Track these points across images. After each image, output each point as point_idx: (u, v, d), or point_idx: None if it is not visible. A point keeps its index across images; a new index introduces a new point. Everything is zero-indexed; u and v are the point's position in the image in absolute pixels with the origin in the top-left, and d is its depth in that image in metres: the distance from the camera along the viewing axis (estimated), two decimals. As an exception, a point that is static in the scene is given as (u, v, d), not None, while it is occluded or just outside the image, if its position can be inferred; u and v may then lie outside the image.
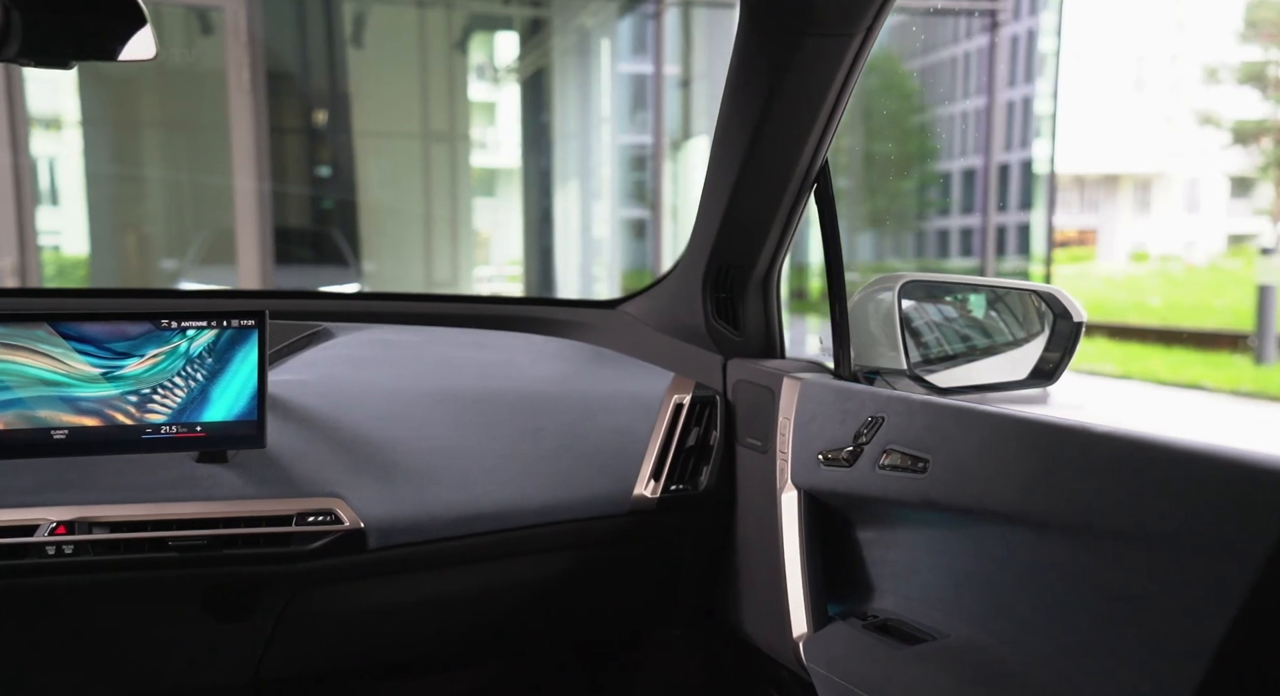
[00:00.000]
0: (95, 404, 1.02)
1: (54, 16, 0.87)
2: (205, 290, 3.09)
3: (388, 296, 1.38)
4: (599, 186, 7.50)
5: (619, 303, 1.45)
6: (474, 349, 1.33)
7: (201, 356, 1.05)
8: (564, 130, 7.41)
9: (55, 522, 0.99)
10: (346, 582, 1.09)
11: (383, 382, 1.22)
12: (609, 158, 7.36)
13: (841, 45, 0.95)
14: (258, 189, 4.63)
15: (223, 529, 1.02)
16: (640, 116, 7.89)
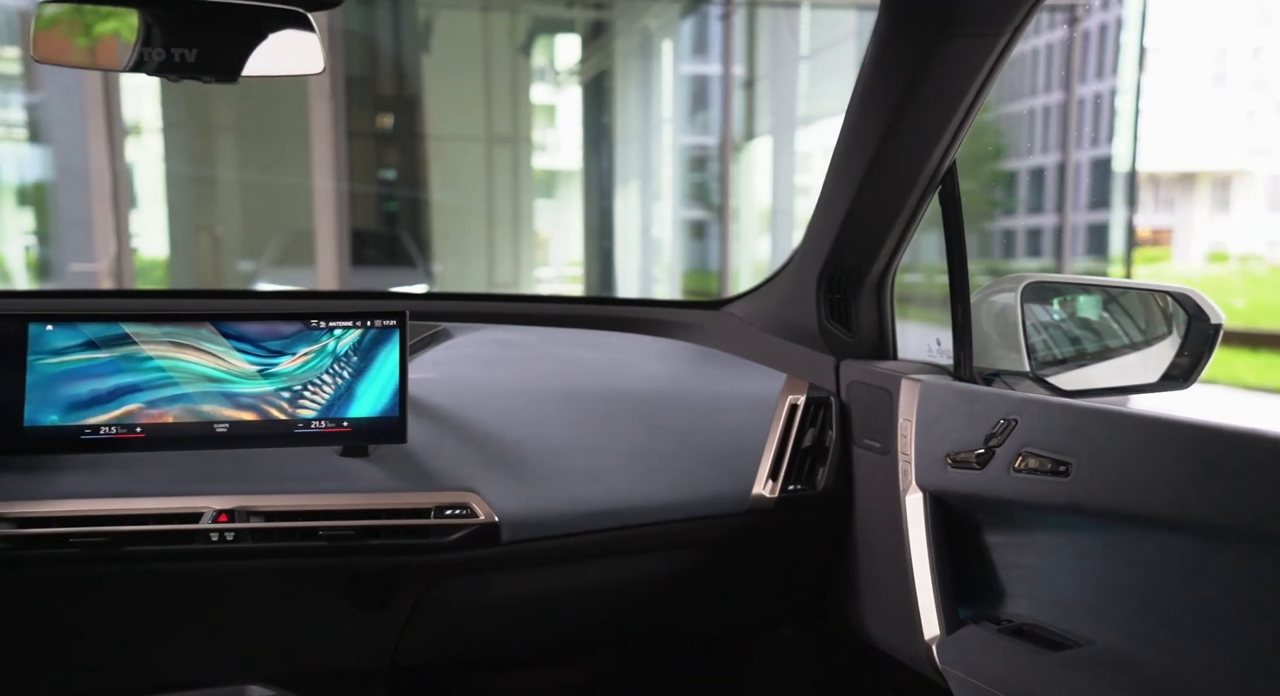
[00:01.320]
0: (252, 399, 1.09)
1: (226, 33, 0.93)
2: (349, 291, 3.18)
3: (505, 298, 1.43)
4: (659, 187, 7.54)
5: (724, 303, 1.48)
6: (588, 349, 1.37)
7: (347, 355, 1.11)
8: (625, 132, 7.46)
9: (217, 511, 1.05)
10: (478, 574, 1.14)
11: (505, 381, 1.26)
12: (669, 159, 7.39)
13: (987, 45, 0.96)
14: (335, 193, 4.76)
15: (367, 520, 1.07)
16: (700, 117, 7.90)
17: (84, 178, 6.00)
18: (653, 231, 7.56)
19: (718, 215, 7.66)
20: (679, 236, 7.63)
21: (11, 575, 1.02)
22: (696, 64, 7.59)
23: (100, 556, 1.02)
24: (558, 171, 8.76)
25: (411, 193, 7.46)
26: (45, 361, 1.05)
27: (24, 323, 1.04)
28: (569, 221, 8.79)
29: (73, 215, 6.02)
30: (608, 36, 7.25)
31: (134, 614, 1.10)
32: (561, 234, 8.95)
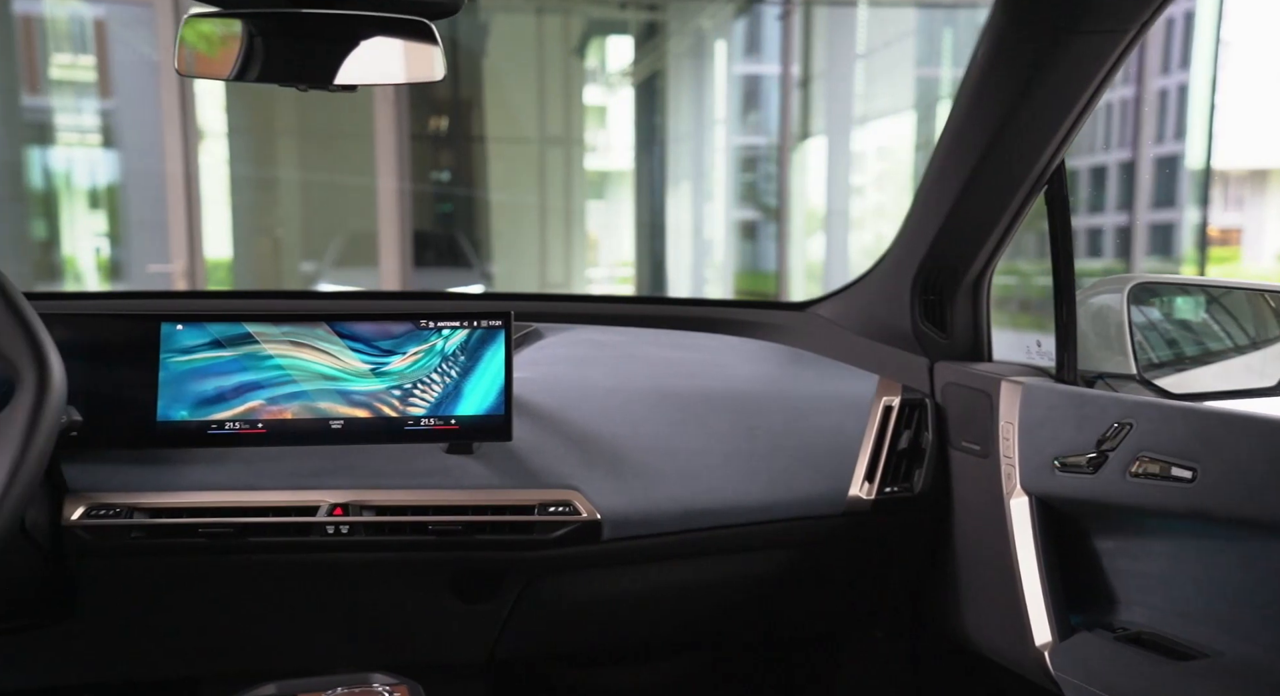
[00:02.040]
0: (365, 397, 1.13)
1: (354, 44, 0.97)
2: (455, 293, 3.25)
3: (595, 299, 1.46)
4: (710, 188, 7.54)
5: (809, 304, 1.49)
6: (678, 349, 1.39)
7: (455, 354, 1.14)
8: (676, 132, 7.48)
9: (333, 504, 1.09)
10: (578, 571, 1.16)
11: (600, 381, 1.29)
12: (721, 159, 7.39)
13: (1111, 42, 0.94)
14: (398, 196, 4.85)
15: (474, 516, 1.10)
16: (752, 117, 7.89)
17: (155, 181, 6.20)
18: (704, 232, 7.57)
19: (769, 216, 7.64)
20: (730, 237, 7.62)
21: (144, 561, 1.08)
22: (749, 64, 7.58)
23: (225, 546, 1.07)
24: (609, 172, 8.80)
25: (465, 194, 7.56)
26: (176, 359, 1.10)
27: (157, 322, 1.10)
28: (619, 222, 8.83)
29: (143, 217, 6.22)
30: (661, 37, 7.27)
31: (253, 601, 1.15)
32: (612, 234, 9.00)
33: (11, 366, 0.87)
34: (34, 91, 6.21)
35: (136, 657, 1.16)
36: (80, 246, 7.13)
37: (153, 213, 6.19)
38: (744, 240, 7.97)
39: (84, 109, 6.84)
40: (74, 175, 6.92)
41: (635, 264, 8.13)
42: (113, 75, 6.42)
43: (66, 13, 6.45)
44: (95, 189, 7.12)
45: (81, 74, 6.76)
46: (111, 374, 1.08)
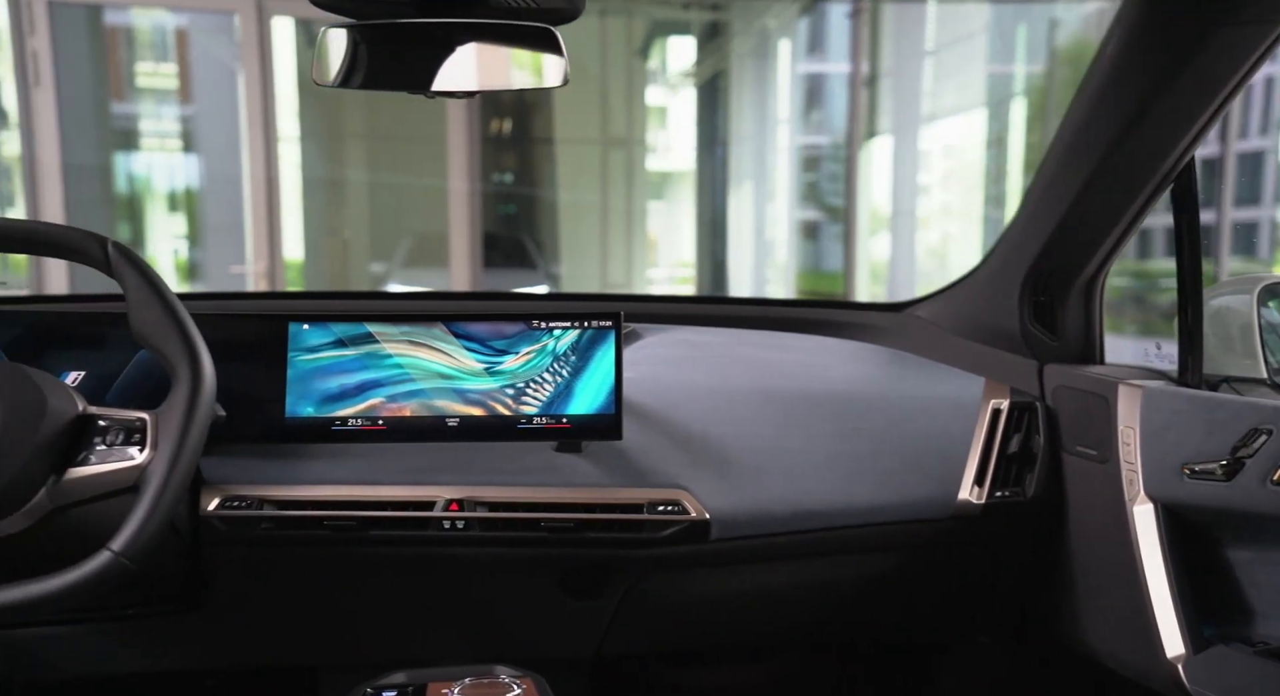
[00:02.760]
0: (480, 395, 1.16)
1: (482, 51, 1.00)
2: (566, 294, 3.30)
3: (690, 299, 1.47)
4: (772, 188, 7.50)
5: (906, 305, 1.48)
6: (776, 350, 1.39)
7: (566, 354, 1.16)
8: (739, 132, 7.45)
9: (448, 500, 1.13)
10: (685, 570, 1.18)
11: (701, 381, 1.30)
12: (783, 159, 7.34)
13: (1260, 33, 0.91)
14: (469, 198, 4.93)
15: (584, 513, 1.12)
16: (815, 117, 7.82)
17: (233, 185, 6.40)
18: (766, 232, 7.53)
19: (832, 216, 7.57)
20: (792, 237, 7.57)
21: (272, 551, 1.12)
22: (813, 63, 7.52)
23: (347, 539, 1.11)
24: (670, 173, 8.81)
25: (528, 196, 7.65)
26: (302, 358, 1.14)
27: (285, 322, 1.14)
28: (679, 222, 8.84)
29: (220, 220, 6.42)
30: (724, 37, 7.26)
31: (371, 593, 1.18)
32: (671, 235, 9.00)
33: (169, 364, 0.92)
34: (120, 99, 6.46)
35: (261, 645, 1.21)
36: (161, 248, 7.39)
37: (228, 215, 6.39)
38: (805, 240, 7.91)
39: (165, 115, 7.09)
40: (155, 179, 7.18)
41: (696, 264, 8.12)
42: (192, 82, 6.65)
43: (150, 23, 6.70)
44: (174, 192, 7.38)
45: (163, 81, 7.02)
46: (244, 372, 1.12)
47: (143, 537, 0.85)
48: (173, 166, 7.14)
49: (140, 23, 6.55)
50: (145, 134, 6.78)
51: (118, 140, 6.36)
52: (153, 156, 7.01)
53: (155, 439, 0.88)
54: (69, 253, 0.93)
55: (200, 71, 6.51)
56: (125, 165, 6.54)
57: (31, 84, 4.26)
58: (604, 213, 7.54)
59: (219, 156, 6.46)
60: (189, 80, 6.67)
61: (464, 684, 0.94)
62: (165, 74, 6.99)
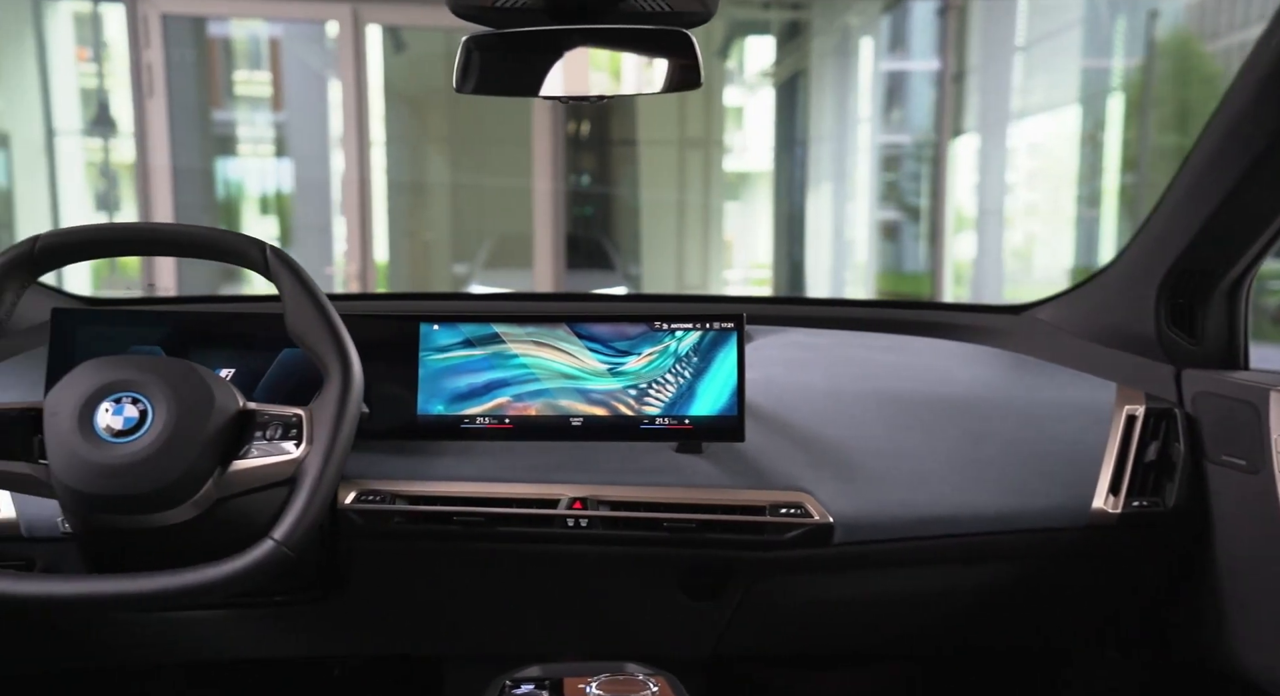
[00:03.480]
0: (603, 395, 1.17)
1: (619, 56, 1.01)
2: (688, 295, 3.36)
3: (800, 301, 1.47)
4: (852, 188, 7.40)
5: (1026, 308, 1.45)
6: (889, 352, 1.38)
7: (688, 355, 1.17)
8: (818, 132, 7.37)
9: (572, 498, 1.14)
10: (805, 574, 1.17)
11: (817, 383, 1.29)
12: (864, 159, 7.23)
13: None
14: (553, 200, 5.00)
15: (706, 514, 1.13)
16: (896, 115, 7.69)
17: (322, 188, 6.62)
18: (845, 233, 7.43)
19: (912, 216, 7.43)
20: (872, 238, 7.45)
21: (402, 544, 1.16)
22: (895, 61, 7.39)
23: (475, 534, 1.14)
24: (747, 173, 8.78)
25: (604, 197, 7.71)
26: (433, 357, 1.18)
27: (416, 323, 1.18)
28: (755, 223, 8.79)
29: (310, 222, 6.65)
30: (804, 37, 7.19)
31: (495, 588, 1.21)
32: (747, 235, 8.97)
33: (321, 363, 0.96)
34: (219, 106, 6.74)
35: (390, 634, 1.25)
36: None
37: (317, 217, 6.61)
38: (885, 241, 7.78)
39: (258, 122, 7.38)
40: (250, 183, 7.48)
41: (773, 265, 8.07)
42: (285, 89, 6.90)
43: (245, 32, 6.97)
44: (266, 196, 7.67)
45: (257, 89, 7.30)
46: (378, 370, 1.16)
47: (301, 527, 0.89)
48: (264, 171, 7.43)
49: (237, 33, 6.83)
50: (241, 140, 7.07)
51: (217, 146, 6.63)
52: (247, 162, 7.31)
53: (310, 434, 0.92)
54: (230, 256, 0.97)
55: (292, 79, 6.76)
56: (223, 170, 6.83)
57: (145, 94, 4.48)
58: (680, 214, 7.54)
59: (308, 161, 6.70)
60: (281, 88, 6.93)
61: (600, 680, 0.95)
62: (259, 82, 7.28)
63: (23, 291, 0.94)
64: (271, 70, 7.15)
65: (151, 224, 0.97)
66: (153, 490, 0.88)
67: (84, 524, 0.92)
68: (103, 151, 6.92)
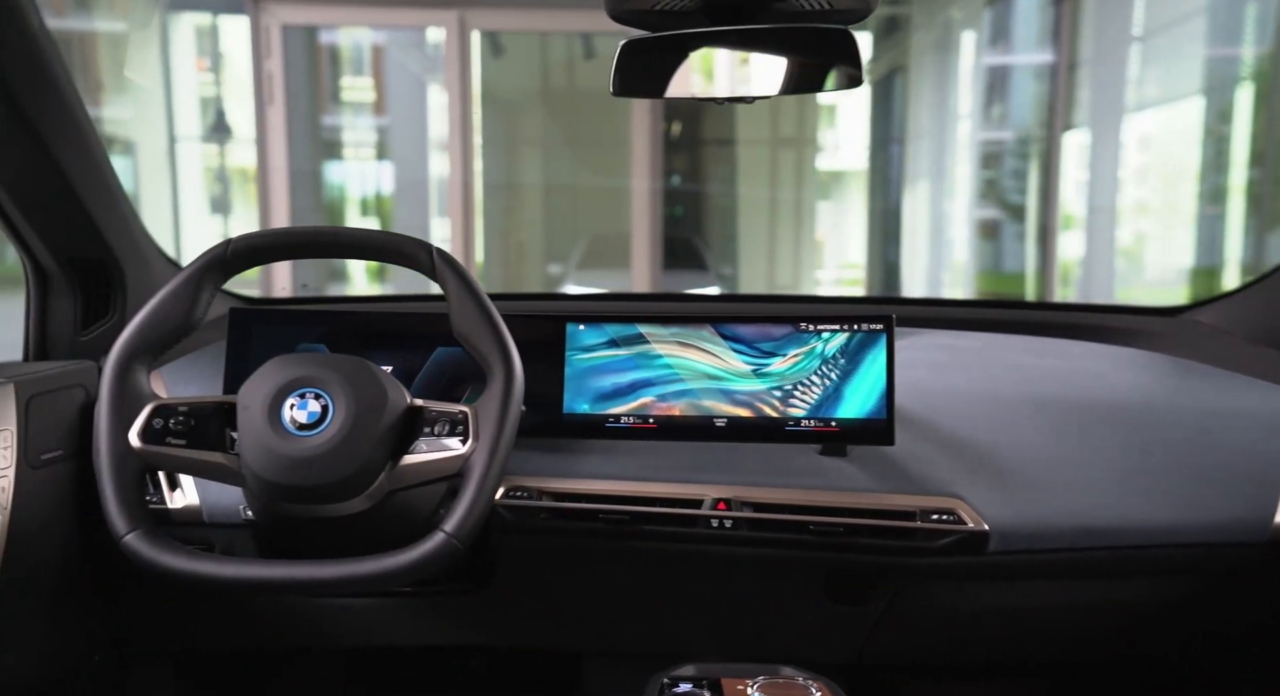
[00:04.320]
0: (747, 396, 1.17)
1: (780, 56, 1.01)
2: (835, 297, 3.38)
3: (944, 303, 1.43)
4: (950, 185, 7.20)
5: (1182, 309, 1.38)
6: (1040, 356, 1.33)
7: (835, 357, 1.16)
8: (916, 129, 7.20)
9: (716, 499, 1.14)
10: (956, 582, 1.14)
11: (966, 387, 1.26)
12: (964, 156, 7.03)
13: None
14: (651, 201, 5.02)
15: (853, 518, 1.11)
16: (997, 111, 7.45)
17: (420, 189, 6.81)
18: (942, 231, 7.24)
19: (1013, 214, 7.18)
20: (972, 237, 7.24)
21: (548, 540, 1.18)
22: (997, 54, 7.16)
23: (620, 532, 1.15)
24: (841, 172, 8.64)
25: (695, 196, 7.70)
26: (579, 357, 1.19)
27: (563, 323, 1.20)
28: (846, 222, 8.65)
29: (409, 222, 6.85)
30: (904, 32, 7.04)
31: (637, 586, 1.22)
32: (838, 235, 8.83)
33: (485, 362, 0.98)
34: (325, 112, 7.00)
35: (534, 627, 1.27)
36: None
37: (416, 218, 6.80)
38: (984, 240, 7.55)
39: (362, 126, 7.64)
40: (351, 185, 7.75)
41: (866, 265, 7.92)
42: (386, 94, 7.12)
43: (350, 40, 7.22)
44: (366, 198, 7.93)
45: (360, 95, 7.56)
46: (526, 369, 1.19)
47: (470, 521, 0.91)
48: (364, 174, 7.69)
49: (343, 40, 7.09)
50: (347, 144, 7.33)
51: (325, 150, 6.89)
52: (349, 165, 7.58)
53: (476, 430, 0.94)
54: (400, 258, 1.01)
55: (394, 84, 6.97)
56: (329, 174, 7.09)
57: (266, 101, 4.69)
58: (772, 213, 7.48)
59: (408, 163, 6.90)
60: (383, 93, 7.16)
61: (760, 681, 0.95)
62: (362, 88, 7.53)
63: (216, 291, 0.99)
64: (373, 76, 7.39)
65: (330, 228, 1.01)
66: (333, 481, 0.92)
67: (267, 511, 0.97)
68: (218, 156, 7.29)
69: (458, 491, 0.94)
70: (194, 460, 0.92)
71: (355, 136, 7.51)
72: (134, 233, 1.21)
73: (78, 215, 1.11)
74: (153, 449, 0.91)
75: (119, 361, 0.93)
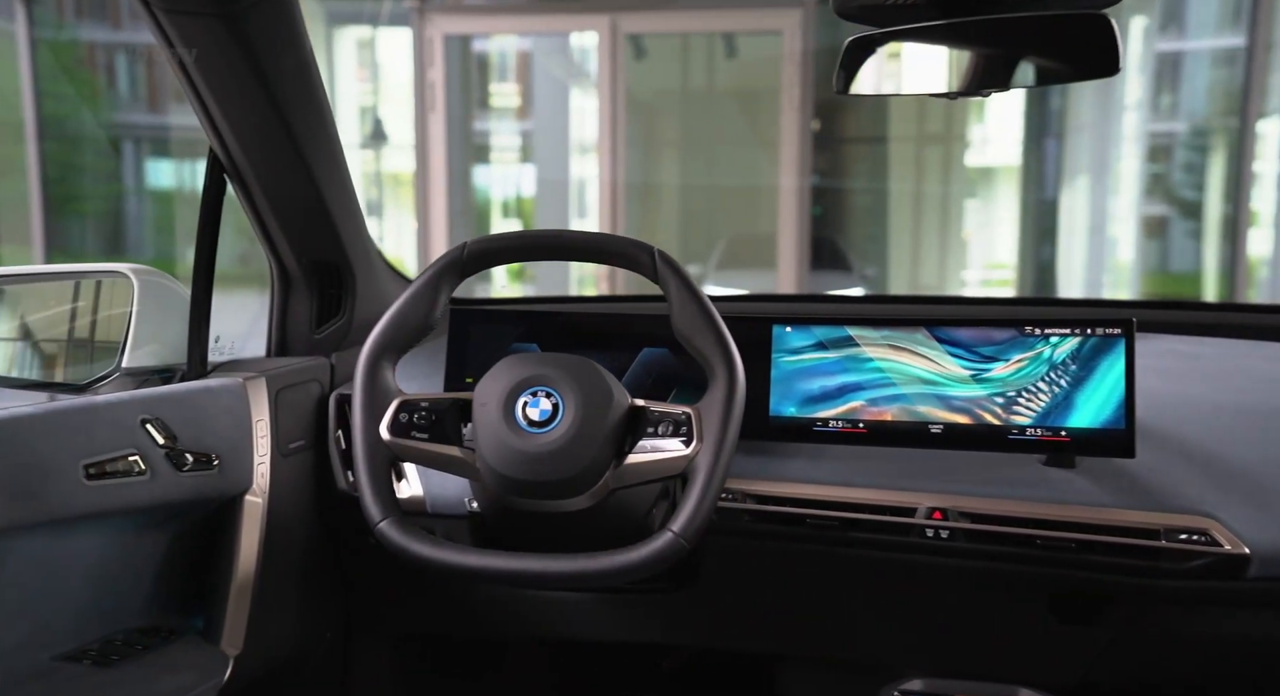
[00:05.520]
0: (965, 403, 1.12)
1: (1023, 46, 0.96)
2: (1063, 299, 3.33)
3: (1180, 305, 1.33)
4: (1114, 181, 6.76)
5: None
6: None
7: (1065, 363, 1.09)
8: (1076, 121, 6.81)
9: (930, 507, 1.10)
10: (1205, 607, 1.06)
11: (1205, 396, 1.17)
12: (1130, 149, 6.59)
13: None
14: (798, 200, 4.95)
15: (1085, 534, 1.05)
16: (1166, 101, 6.95)
17: (561, 190, 6.97)
18: (1103, 229, 6.81)
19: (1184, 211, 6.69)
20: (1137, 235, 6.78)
21: (748, 542, 1.16)
22: (1170, 40, 6.68)
23: (827, 538, 1.12)
24: (989, 168, 8.27)
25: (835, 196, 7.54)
26: (785, 359, 1.18)
27: (769, 324, 1.18)
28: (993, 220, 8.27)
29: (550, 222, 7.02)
30: (1064, 19, 6.65)
31: (842, 592, 1.19)
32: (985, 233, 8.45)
33: (707, 363, 0.98)
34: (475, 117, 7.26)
35: (731, 629, 1.26)
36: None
37: (557, 218, 6.97)
38: (1150, 238, 7.06)
39: (507, 130, 7.88)
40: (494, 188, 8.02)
41: (1017, 265, 7.55)
42: (531, 99, 7.32)
43: (498, 47, 7.47)
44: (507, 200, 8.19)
45: (506, 100, 7.80)
46: None
47: (697, 521, 0.91)
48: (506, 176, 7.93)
49: (492, 47, 7.34)
50: (494, 148, 7.58)
51: (475, 155, 7.16)
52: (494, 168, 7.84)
53: (700, 431, 0.94)
54: (622, 260, 1.02)
55: (539, 89, 7.16)
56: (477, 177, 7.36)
57: (427, 109, 4.91)
58: (917, 212, 7.24)
59: (550, 165, 7.07)
60: (528, 97, 7.37)
61: None
62: (508, 93, 7.78)
63: (452, 291, 1.03)
64: (519, 81, 7.62)
65: (557, 231, 1.04)
66: (563, 478, 0.93)
67: (496, 505, 1.00)
68: (375, 162, 7.68)
69: (681, 492, 0.94)
70: (435, 453, 0.96)
71: (501, 141, 7.76)
72: (365, 238, 1.28)
73: (323, 222, 1.18)
74: (399, 441, 0.96)
75: (370, 359, 0.98)
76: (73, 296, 1.27)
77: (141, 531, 0.98)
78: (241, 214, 1.19)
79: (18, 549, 0.84)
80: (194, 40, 0.98)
